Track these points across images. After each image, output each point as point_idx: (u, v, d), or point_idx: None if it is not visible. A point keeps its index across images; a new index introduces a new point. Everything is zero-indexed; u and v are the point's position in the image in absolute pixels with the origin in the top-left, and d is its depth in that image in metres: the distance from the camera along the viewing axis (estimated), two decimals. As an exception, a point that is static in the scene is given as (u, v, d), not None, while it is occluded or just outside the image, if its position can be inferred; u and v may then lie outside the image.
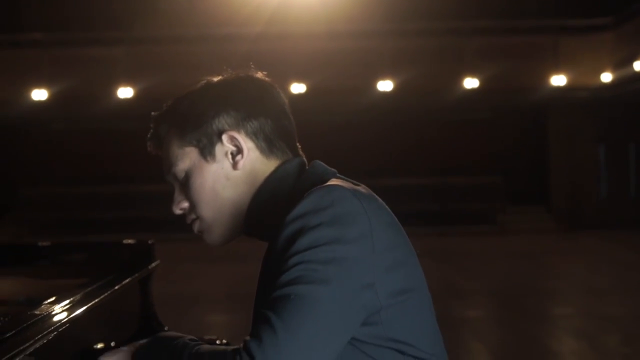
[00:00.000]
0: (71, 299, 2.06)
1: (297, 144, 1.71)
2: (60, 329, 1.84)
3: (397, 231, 1.56)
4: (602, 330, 7.83)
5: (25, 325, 1.77)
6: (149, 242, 2.75)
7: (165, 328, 2.74)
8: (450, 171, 19.25)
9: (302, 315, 1.40)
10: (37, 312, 1.90)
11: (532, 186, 19.83)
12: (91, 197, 18.84)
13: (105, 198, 18.81)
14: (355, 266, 1.45)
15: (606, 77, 17.51)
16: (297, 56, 17.03)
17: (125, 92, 17.20)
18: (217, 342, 2.78)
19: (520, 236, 17.21)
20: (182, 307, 8.92)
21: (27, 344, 1.65)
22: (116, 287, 2.31)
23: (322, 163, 1.68)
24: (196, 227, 1.67)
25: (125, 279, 2.44)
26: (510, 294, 9.94)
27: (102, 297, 2.15)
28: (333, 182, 1.59)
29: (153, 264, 2.72)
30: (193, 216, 1.66)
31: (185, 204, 1.67)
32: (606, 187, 19.47)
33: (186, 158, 1.64)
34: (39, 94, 17.17)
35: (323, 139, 16.75)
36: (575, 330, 7.86)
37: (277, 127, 1.66)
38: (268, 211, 1.62)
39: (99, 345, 2.30)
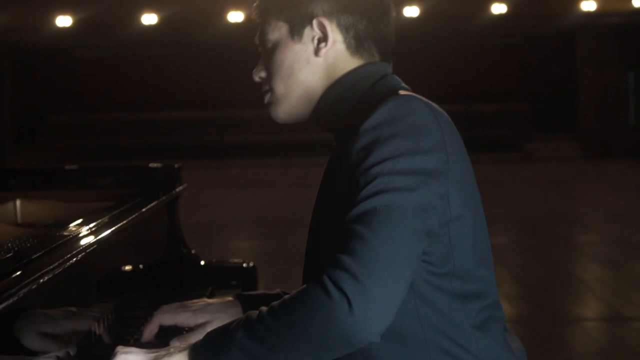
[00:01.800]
0: (98, 221, 2.07)
1: (389, 52, 1.71)
2: (87, 250, 1.86)
3: (463, 147, 1.60)
4: (627, 257, 7.83)
5: (53, 246, 1.78)
6: (176, 165, 2.76)
7: (192, 251, 2.76)
8: (476, 98, 19.08)
9: (392, 224, 1.42)
10: (65, 234, 1.91)
11: (559, 113, 19.65)
12: (117, 124, 18.90)
13: (131, 125, 18.86)
14: (434, 176, 1.48)
15: (638, 2, 17.17)
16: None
17: (149, 19, 17.10)
18: (244, 265, 2.81)
19: (546, 164, 17.12)
20: (209, 233, 8.99)
21: (55, 264, 1.67)
22: (143, 210, 2.32)
23: (398, 79, 1.69)
24: (267, 98, 1.70)
25: (152, 202, 2.45)
26: (535, 222, 9.94)
27: (129, 219, 2.16)
28: (407, 92, 1.60)
29: (180, 188, 2.73)
30: (267, 87, 1.70)
31: (264, 74, 1.71)
32: (634, 114, 19.25)
33: (276, 31, 1.68)
34: (63, 21, 17.10)
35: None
36: (600, 257, 7.86)
37: (372, 28, 1.67)
38: (339, 106, 1.65)
39: (127, 268, 2.33)
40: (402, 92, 1.60)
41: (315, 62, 1.65)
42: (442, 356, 1.53)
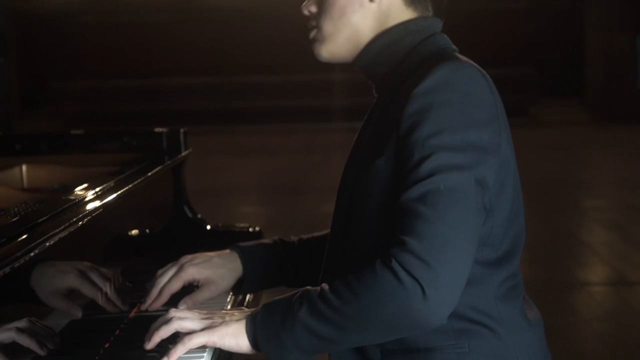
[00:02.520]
0: (104, 185, 2.07)
1: (443, 8, 1.71)
2: (93, 214, 1.86)
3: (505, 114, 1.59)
4: (633, 222, 7.82)
5: (59, 210, 1.79)
6: (181, 130, 2.75)
7: (199, 216, 2.76)
8: (482, 62, 18.76)
9: (456, 205, 1.41)
10: (70, 198, 1.92)
11: (566, 77, 19.56)
12: (122, 89, 18.85)
13: (136, 91, 18.82)
14: (489, 150, 1.48)
15: (646, -36, 17.01)
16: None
17: (153, -17, 17.02)
18: (250, 229, 2.81)
19: (553, 128, 17.07)
20: (214, 198, 9.00)
21: (61, 228, 1.67)
22: (149, 174, 2.32)
23: (447, 38, 1.68)
24: (312, 34, 1.68)
25: (158, 166, 2.45)
26: (541, 186, 9.92)
27: (134, 183, 2.16)
28: (463, 57, 1.59)
29: (185, 152, 2.72)
30: (314, 23, 1.68)
31: (314, 9, 1.68)
32: (642, 78, 19.16)
33: None
34: (68, -14, 17.03)
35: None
36: (606, 222, 7.85)
37: None
38: (385, 56, 1.63)
39: (133, 232, 2.33)
40: (458, 56, 1.59)
41: (368, 7, 1.63)
42: (464, 323, 1.53)
